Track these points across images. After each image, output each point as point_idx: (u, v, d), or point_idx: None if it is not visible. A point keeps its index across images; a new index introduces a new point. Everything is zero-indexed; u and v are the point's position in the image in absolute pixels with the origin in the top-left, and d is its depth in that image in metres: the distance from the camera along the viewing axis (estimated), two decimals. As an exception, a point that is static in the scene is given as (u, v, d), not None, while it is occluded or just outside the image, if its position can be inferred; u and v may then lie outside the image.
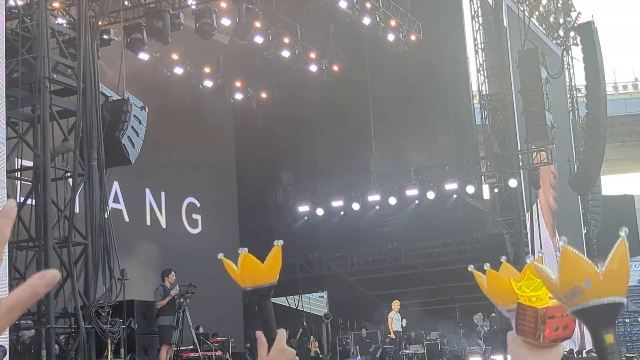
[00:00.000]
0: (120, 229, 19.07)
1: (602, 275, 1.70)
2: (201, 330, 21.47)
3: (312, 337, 30.23)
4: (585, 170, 33.94)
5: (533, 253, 29.26)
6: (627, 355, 36.58)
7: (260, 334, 2.53)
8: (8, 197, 13.80)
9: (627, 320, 50.87)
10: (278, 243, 2.55)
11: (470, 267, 2.51)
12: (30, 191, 14.86)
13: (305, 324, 32.44)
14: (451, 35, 30.59)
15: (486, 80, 30.02)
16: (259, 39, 25.35)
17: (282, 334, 2.54)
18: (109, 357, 14.46)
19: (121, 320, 14.92)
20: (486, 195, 29.51)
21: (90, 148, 15.17)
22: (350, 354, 28.70)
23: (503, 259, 2.49)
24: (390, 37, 26.73)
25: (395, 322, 26.07)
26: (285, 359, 2.52)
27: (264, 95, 30.93)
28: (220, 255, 2.56)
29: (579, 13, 37.12)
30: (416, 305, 29.69)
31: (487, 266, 2.48)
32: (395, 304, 26.19)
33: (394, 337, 25.94)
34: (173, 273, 17.47)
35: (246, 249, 2.55)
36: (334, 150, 30.79)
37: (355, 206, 30.15)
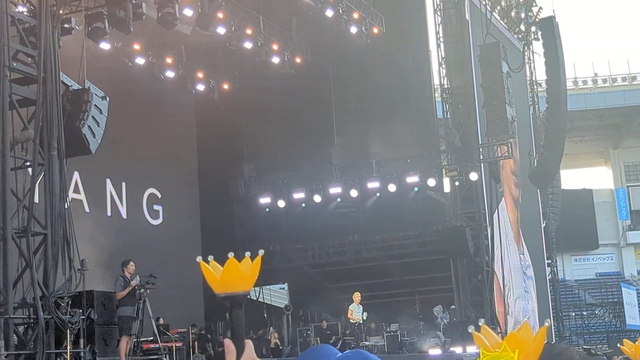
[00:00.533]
0: (80, 219, 18.96)
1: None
2: (161, 321, 21.41)
3: (271, 328, 30.23)
4: (545, 164, 34.23)
5: (493, 251, 29.55)
6: (585, 347, 37.05)
7: (228, 342, 2.53)
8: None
9: (585, 313, 51.47)
10: (261, 252, 2.55)
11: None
12: (-12, 180, 14.75)
13: (265, 315, 32.45)
14: (414, 28, 30.70)
15: (447, 73, 30.16)
16: (221, 30, 25.28)
17: (250, 345, 2.54)
18: (68, 347, 14.38)
19: (81, 310, 14.83)
20: (447, 188, 29.66)
21: (50, 137, 15.04)
22: (311, 345, 28.75)
23: (482, 321, 2.63)
24: (353, 29, 26.77)
25: (356, 314, 26.16)
26: None
27: (226, 86, 30.85)
28: (199, 259, 2.55)
29: (540, 8, 37.45)
30: (376, 297, 29.80)
31: (481, 322, 2.60)
32: (356, 296, 26.29)
33: (354, 321, 26.05)
34: (132, 263, 17.40)
35: (232, 253, 2.55)
36: (296, 142, 30.79)
37: (317, 198, 30.17)
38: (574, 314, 50.22)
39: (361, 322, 26.30)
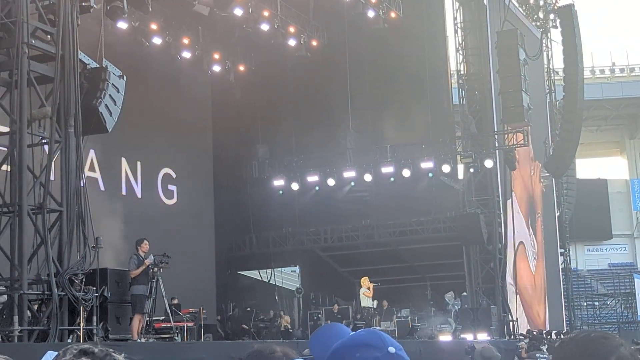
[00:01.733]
0: (95, 197, 19.02)
1: None
2: (176, 301, 21.50)
3: (282, 312, 30.32)
4: (561, 152, 34.14)
5: (506, 239, 29.49)
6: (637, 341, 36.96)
7: None
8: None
9: (597, 304, 51.41)
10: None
11: None
12: (5, 157, 14.78)
13: (277, 298, 32.55)
14: (431, 13, 30.61)
15: (464, 60, 30.07)
16: (238, 12, 25.28)
17: None
18: (81, 324, 14.45)
19: (94, 288, 14.87)
20: (461, 175, 29.64)
21: (67, 115, 15.07)
22: (322, 328, 28.82)
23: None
24: (370, 13, 26.72)
25: (365, 297, 26.36)
26: None
27: (241, 68, 30.83)
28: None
29: (559, -4, 37.26)
30: (388, 283, 29.84)
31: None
32: (365, 281, 26.50)
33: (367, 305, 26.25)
34: (146, 242, 17.45)
35: None
36: (311, 125, 30.79)
37: (331, 182, 30.18)
38: (585, 304, 50.19)
39: (371, 307, 26.44)
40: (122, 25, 23.92)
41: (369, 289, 26.31)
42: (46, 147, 15.09)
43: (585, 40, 33.01)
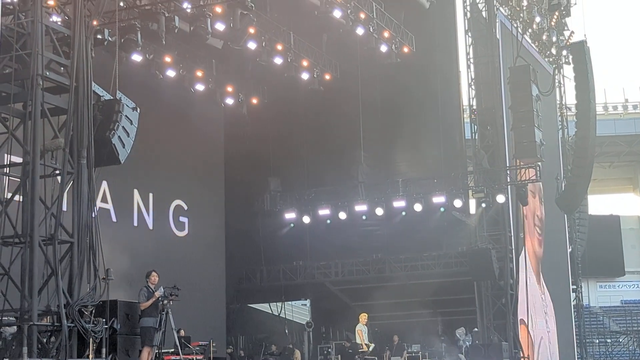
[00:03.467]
0: (107, 228, 19.04)
1: None
2: (182, 333, 21.44)
3: (295, 350, 30.18)
4: (573, 188, 34.02)
5: (518, 275, 29.33)
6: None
7: None
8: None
9: (609, 341, 51.03)
10: None
11: None
12: (18, 187, 14.83)
13: (287, 331, 32.43)
14: (444, 48, 30.68)
15: (477, 95, 30.11)
16: (252, 45, 25.40)
17: None
18: (90, 356, 14.42)
19: (104, 320, 14.85)
20: (473, 209, 29.55)
21: (80, 146, 15.13)
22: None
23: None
24: (383, 48, 26.80)
25: (365, 334, 26.24)
26: None
27: (254, 101, 30.95)
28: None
29: (572, 32, 37.38)
30: (399, 317, 29.71)
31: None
32: (363, 317, 26.38)
33: (366, 349, 26.10)
34: (155, 274, 17.41)
35: None
36: (323, 158, 30.85)
37: (342, 215, 30.15)
38: (597, 341, 49.80)
39: (368, 350, 26.27)
40: (136, 57, 24.08)
41: (363, 326, 26.28)
42: (59, 178, 15.13)
43: (598, 76, 32.99)
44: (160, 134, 27.11)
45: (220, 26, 23.20)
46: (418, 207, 29.04)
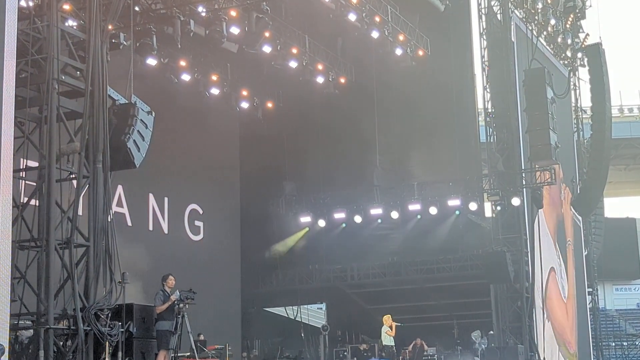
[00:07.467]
0: (122, 232, 19.08)
1: None
2: (202, 337, 21.45)
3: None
4: (588, 191, 33.90)
5: (534, 277, 29.21)
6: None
7: None
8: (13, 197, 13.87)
9: (625, 344, 50.77)
10: None
11: None
12: (34, 191, 14.86)
13: (302, 335, 32.43)
14: (459, 51, 30.65)
15: (492, 97, 30.03)
16: (267, 49, 25.43)
17: None
18: (107, 359, 14.46)
19: (120, 323, 14.87)
20: (488, 212, 29.48)
21: (95, 150, 15.16)
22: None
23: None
24: (398, 51, 26.79)
25: (387, 336, 26.18)
26: None
27: (269, 104, 30.95)
28: None
29: (587, 34, 37.19)
30: (414, 321, 29.67)
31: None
32: (387, 318, 26.32)
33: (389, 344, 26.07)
34: (172, 277, 17.43)
35: None
36: (338, 162, 30.86)
37: (357, 219, 30.17)
38: (613, 344, 49.52)
39: (392, 345, 26.23)
40: (152, 61, 24.15)
41: (391, 327, 26.17)
42: (74, 182, 15.17)
43: (614, 78, 32.96)
44: (176, 138, 27.16)
45: (235, 30, 23.25)
46: (433, 211, 29.04)
